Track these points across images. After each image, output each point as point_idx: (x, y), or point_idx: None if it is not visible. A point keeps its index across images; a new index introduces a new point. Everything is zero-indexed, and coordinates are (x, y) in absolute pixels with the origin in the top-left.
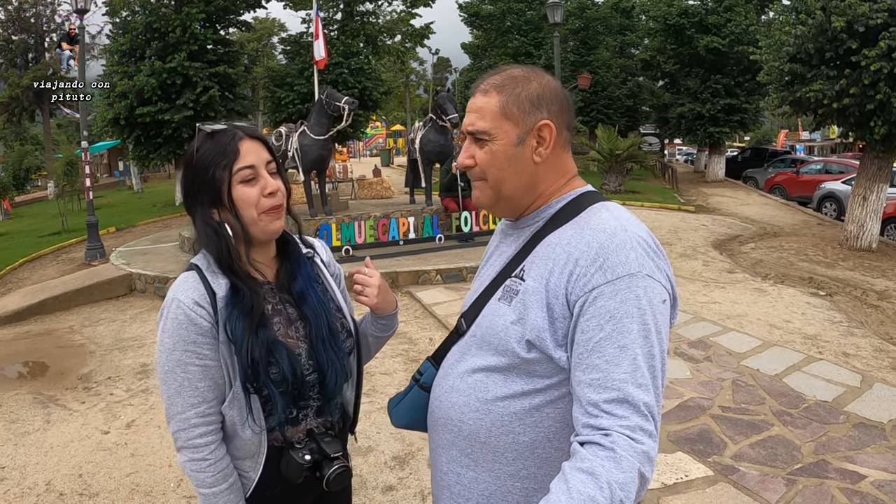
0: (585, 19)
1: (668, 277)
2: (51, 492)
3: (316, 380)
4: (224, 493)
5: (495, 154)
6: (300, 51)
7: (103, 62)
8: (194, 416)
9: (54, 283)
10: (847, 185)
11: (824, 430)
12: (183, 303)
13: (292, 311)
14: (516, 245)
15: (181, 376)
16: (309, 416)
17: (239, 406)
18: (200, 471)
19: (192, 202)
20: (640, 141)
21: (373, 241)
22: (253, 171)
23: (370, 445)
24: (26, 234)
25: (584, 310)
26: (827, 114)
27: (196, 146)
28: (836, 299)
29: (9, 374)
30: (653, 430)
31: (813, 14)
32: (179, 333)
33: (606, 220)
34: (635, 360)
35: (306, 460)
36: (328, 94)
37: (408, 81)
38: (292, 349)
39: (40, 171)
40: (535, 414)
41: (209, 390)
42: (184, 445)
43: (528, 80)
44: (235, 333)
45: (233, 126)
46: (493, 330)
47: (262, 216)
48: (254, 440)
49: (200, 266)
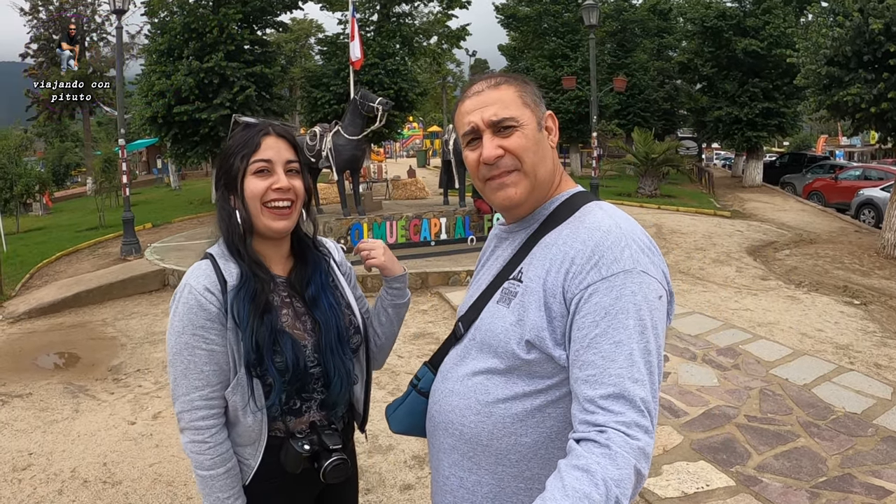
0: (622, 21)
1: (663, 274)
2: (75, 478)
3: (320, 373)
4: (221, 476)
5: (528, 137)
6: (336, 51)
7: (142, 62)
8: (198, 398)
9: (89, 277)
10: (886, 191)
11: (851, 443)
12: (194, 288)
13: (300, 307)
14: (512, 248)
15: (187, 359)
16: (312, 408)
17: (242, 391)
18: (200, 453)
19: (217, 185)
20: (677, 145)
21: (404, 242)
22: (267, 165)
23: (391, 444)
24: (64, 229)
25: (580, 307)
26: (865, 118)
27: (230, 135)
28: (870, 308)
29: (42, 364)
30: (649, 426)
31: (850, 16)
32: (189, 318)
33: (601, 218)
34: (631, 355)
35: (305, 450)
36: (362, 95)
37: (444, 83)
38: (298, 340)
39: (80, 167)
40: (537, 415)
41: (214, 375)
42: (186, 426)
43: (523, 79)
44: (240, 316)
45: (265, 122)
46: (493, 332)
47: (266, 212)
48: (254, 427)
49: (214, 254)
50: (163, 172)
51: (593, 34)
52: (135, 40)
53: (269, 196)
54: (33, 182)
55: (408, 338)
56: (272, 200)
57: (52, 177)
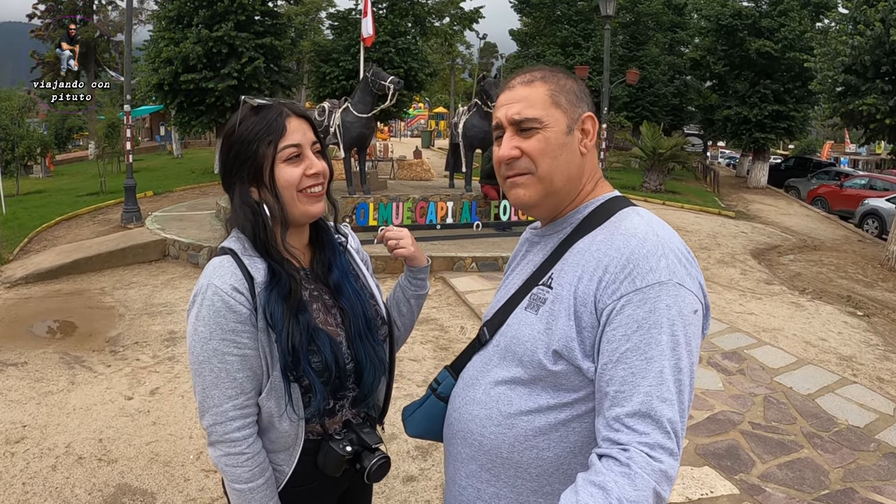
0: (636, 14)
1: (700, 286)
2: (70, 454)
3: (353, 369)
4: (261, 488)
5: (548, 141)
6: (347, 27)
7: (150, 28)
8: (232, 408)
9: (89, 244)
10: (891, 203)
11: (854, 457)
12: (220, 288)
13: (328, 299)
14: (544, 253)
15: (218, 367)
16: (345, 406)
17: (277, 396)
18: (237, 465)
19: (231, 179)
20: (684, 141)
21: (410, 224)
22: (298, 150)
23: (393, 433)
24: (65, 193)
25: (612, 318)
26: (879, 129)
27: (239, 119)
28: (873, 321)
29: (38, 332)
30: (674, 448)
31: (872, 25)
32: (217, 321)
33: (637, 224)
34: (662, 372)
35: (347, 451)
36: (374, 73)
37: (454, 65)
38: (333, 337)
39: (82, 131)
40: (560, 429)
41: (248, 381)
42: (219, 440)
43: (565, 75)
44: (274, 318)
45: (279, 102)
46: (519, 340)
47: (302, 197)
48: (290, 432)
49: (235, 250)
50: (165, 140)
51: (608, 25)
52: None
53: (305, 183)
54: (35, 144)
55: None
56: (309, 187)
57: (54, 139)
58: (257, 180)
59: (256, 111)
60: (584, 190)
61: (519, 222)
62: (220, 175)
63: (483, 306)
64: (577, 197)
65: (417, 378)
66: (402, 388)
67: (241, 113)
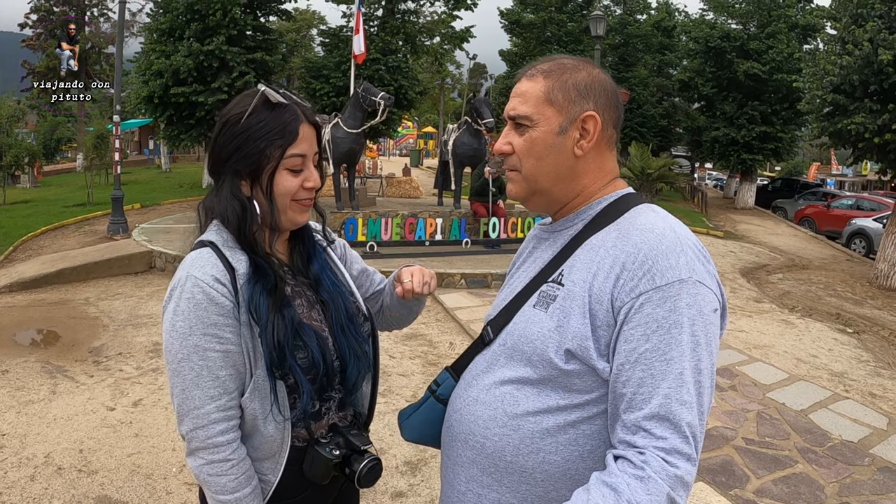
0: (626, 35)
1: (718, 284)
2: (49, 465)
3: (339, 368)
4: (248, 497)
5: (535, 141)
6: (338, 44)
7: (142, 40)
8: (214, 410)
9: (74, 254)
10: (878, 222)
11: (849, 472)
12: (201, 279)
13: (311, 294)
14: (553, 249)
15: (199, 364)
16: (332, 409)
17: (262, 396)
18: (222, 474)
19: (224, 167)
20: (672, 162)
21: (398, 240)
22: (302, 162)
23: (382, 448)
24: (51, 203)
25: (630, 317)
26: (867, 148)
27: (250, 109)
28: (863, 338)
29: (20, 341)
30: (691, 454)
31: (860, 45)
32: (197, 315)
33: (654, 221)
34: (682, 374)
35: (335, 455)
36: (364, 89)
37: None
38: (319, 332)
39: (71, 142)
40: (569, 431)
41: (231, 380)
42: (201, 446)
43: (576, 68)
44: (260, 312)
45: (296, 102)
46: (528, 338)
47: (294, 206)
48: (276, 436)
49: (216, 242)
50: (154, 154)
51: (599, 45)
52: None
53: (301, 195)
54: (23, 153)
55: (400, 338)
56: (303, 199)
57: (42, 150)
58: (253, 178)
59: (271, 107)
60: (589, 190)
61: (508, 240)
62: (210, 158)
63: (472, 322)
64: (579, 196)
65: (406, 393)
66: (390, 403)
67: (255, 103)
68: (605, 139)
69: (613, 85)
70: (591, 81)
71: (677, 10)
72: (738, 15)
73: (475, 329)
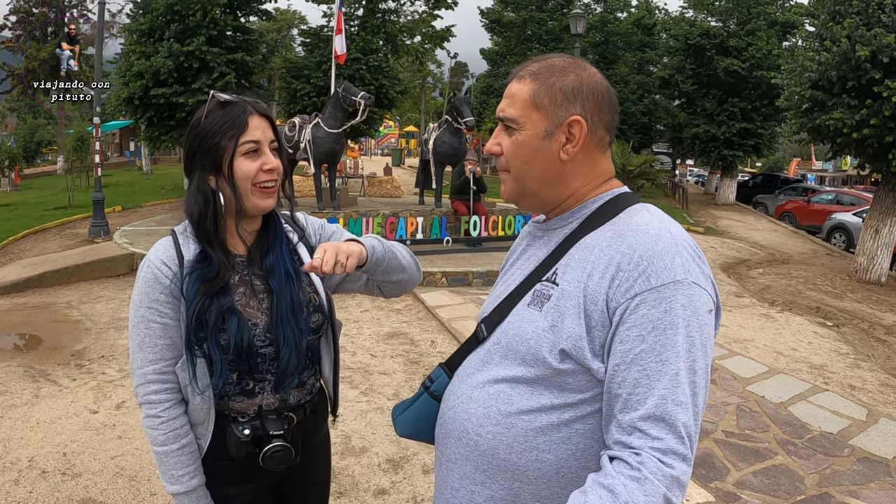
0: (606, 33)
1: (712, 284)
2: (33, 468)
3: (273, 353)
4: (175, 453)
5: (521, 145)
6: (319, 44)
7: (122, 41)
8: (151, 372)
9: (55, 257)
10: (858, 217)
11: (828, 463)
12: (152, 262)
13: (259, 284)
14: (547, 248)
15: (143, 332)
16: (266, 389)
17: (186, 368)
18: (154, 427)
19: (192, 165)
20: (653, 159)
21: None
22: (257, 146)
23: (364, 446)
24: (32, 207)
25: (625, 318)
26: (845, 143)
27: (206, 112)
28: (843, 331)
29: (1, 345)
30: (687, 454)
31: (838, 42)
32: (146, 290)
33: (649, 221)
34: (677, 375)
35: (245, 434)
36: (345, 88)
37: (424, 83)
38: (248, 318)
39: (51, 145)
40: (563, 430)
41: (167, 349)
42: (142, 401)
43: (565, 70)
44: (188, 294)
45: (244, 100)
46: (522, 337)
47: (256, 191)
48: (202, 406)
49: (177, 231)
50: (135, 156)
51: (578, 43)
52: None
53: (261, 177)
54: (3, 157)
55: (381, 337)
56: (263, 181)
57: (22, 153)
58: (217, 170)
59: (222, 106)
60: (580, 192)
61: (489, 238)
62: (184, 163)
63: (453, 321)
64: (570, 197)
65: (388, 392)
66: (372, 402)
67: (209, 106)
68: (594, 143)
69: (606, 87)
70: (580, 85)
71: (657, 7)
72: (717, 12)
73: (456, 327)
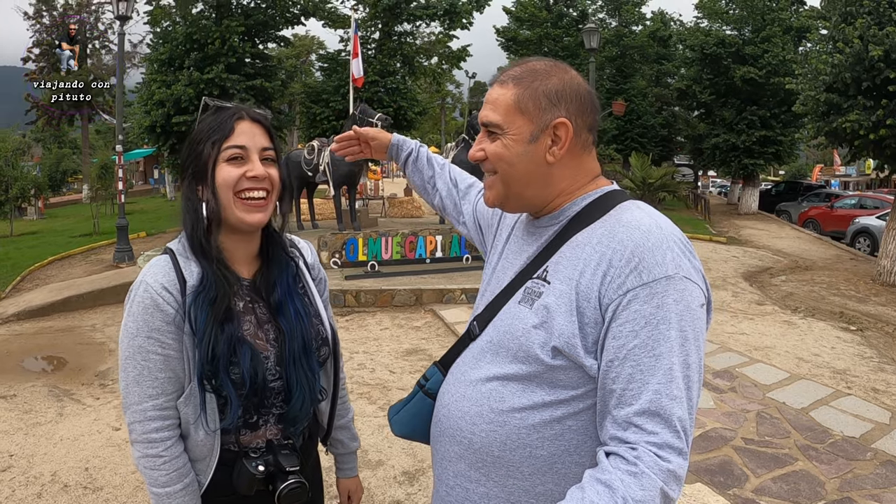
0: (622, 47)
1: (703, 278)
2: (55, 483)
3: (281, 387)
4: (178, 494)
5: (506, 148)
6: (337, 68)
7: (143, 71)
8: (151, 408)
9: (80, 282)
10: (881, 220)
11: (850, 467)
12: (151, 286)
13: (264, 314)
14: (538, 244)
15: (141, 364)
16: (270, 422)
17: (194, 404)
18: (154, 468)
19: (183, 175)
20: (673, 171)
21: (399, 258)
22: (241, 152)
23: (380, 459)
24: (58, 234)
25: (618, 314)
26: (863, 145)
27: (199, 118)
28: (867, 335)
29: (28, 367)
30: (683, 448)
31: (851, 43)
32: (144, 318)
33: (640, 217)
34: (671, 369)
35: (259, 471)
36: (361, 110)
37: (444, 104)
38: (258, 351)
39: (76, 174)
40: (555, 427)
41: (169, 382)
42: (138, 439)
43: (548, 74)
44: (197, 323)
45: (238, 106)
46: (513, 335)
47: (239, 203)
48: (206, 442)
49: (175, 250)
50: (159, 183)
51: (593, 58)
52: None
53: (243, 185)
54: (29, 186)
55: (400, 354)
56: (246, 190)
57: (48, 182)
58: (201, 178)
59: (215, 112)
60: (568, 191)
61: None
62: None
63: None
64: (558, 197)
65: None
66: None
67: (200, 113)
68: (579, 144)
69: (586, 88)
70: (563, 87)
71: (672, 19)
72: (732, 21)
73: None
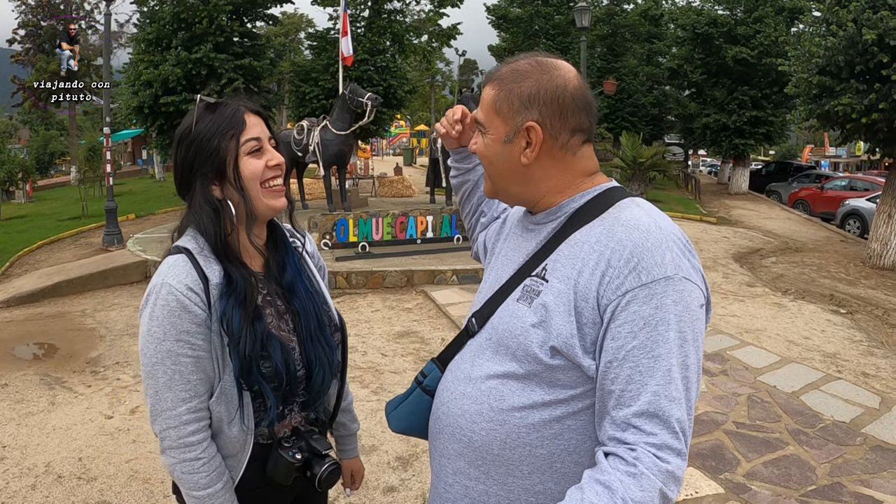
0: (613, 25)
1: (702, 278)
2: (49, 473)
3: (304, 375)
4: (220, 493)
5: (488, 147)
6: (326, 46)
7: (130, 51)
8: (186, 411)
9: (70, 267)
10: (871, 202)
11: (840, 452)
12: (175, 288)
13: (281, 304)
14: (536, 242)
15: (172, 369)
16: (294, 411)
17: (227, 402)
18: (194, 472)
19: (191, 177)
20: (664, 150)
21: (390, 239)
22: (259, 143)
23: (374, 444)
24: (46, 218)
25: (616, 315)
26: (855, 129)
27: (195, 118)
28: (857, 318)
29: (18, 355)
30: (682, 449)
31: (844, 26)
32: (171, 321)
33: (639, 216)
34: (669, 371)
35: (297, 459)
36: (351, 90)
37: (433, 82)
38: (286, 343)
39: (64, 156)
40: (554, 426)
41: (201, 384)
42: (173, 445)
43: (526, 76)
44: (231, 326)
45: (235, 99)
46: (511, 333)
47: (265, 192)
48: (240, 438)
49: (191, 249)
50: (147, 164)
51: (584, 37)
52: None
53: (268, 174)
54: (16, 169)
55: (392, 336)
56: (270, 179)
57: (35, 165)
58: (220, 176)
59: (213, 108)
60: (554, 191)
61: None
62: (176, 176)
63: (464, 318)
64: (545, 196)
65: (398, 390)
66: (383, 400)
67: (198, 112)
68: (557, 146)
69: (573, 89)
70: (537, 91)
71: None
72: (724, 1)
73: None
